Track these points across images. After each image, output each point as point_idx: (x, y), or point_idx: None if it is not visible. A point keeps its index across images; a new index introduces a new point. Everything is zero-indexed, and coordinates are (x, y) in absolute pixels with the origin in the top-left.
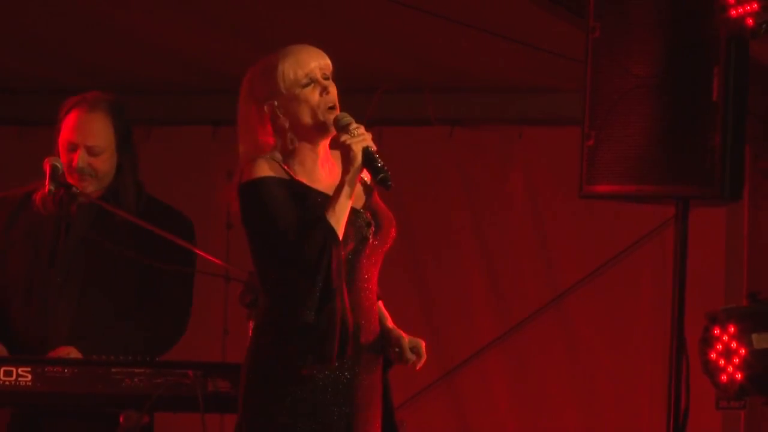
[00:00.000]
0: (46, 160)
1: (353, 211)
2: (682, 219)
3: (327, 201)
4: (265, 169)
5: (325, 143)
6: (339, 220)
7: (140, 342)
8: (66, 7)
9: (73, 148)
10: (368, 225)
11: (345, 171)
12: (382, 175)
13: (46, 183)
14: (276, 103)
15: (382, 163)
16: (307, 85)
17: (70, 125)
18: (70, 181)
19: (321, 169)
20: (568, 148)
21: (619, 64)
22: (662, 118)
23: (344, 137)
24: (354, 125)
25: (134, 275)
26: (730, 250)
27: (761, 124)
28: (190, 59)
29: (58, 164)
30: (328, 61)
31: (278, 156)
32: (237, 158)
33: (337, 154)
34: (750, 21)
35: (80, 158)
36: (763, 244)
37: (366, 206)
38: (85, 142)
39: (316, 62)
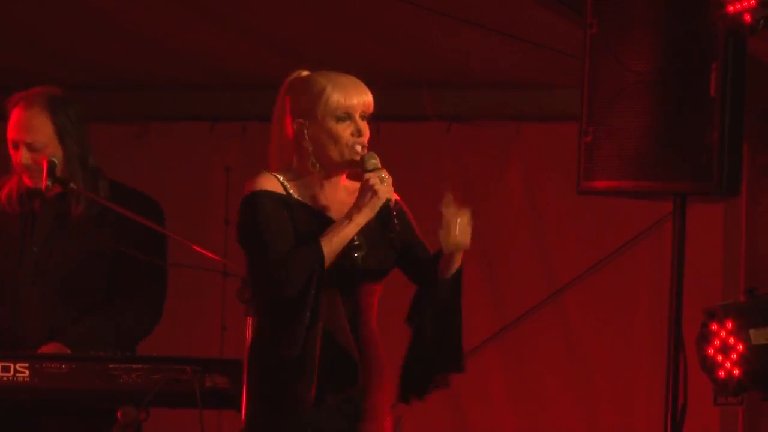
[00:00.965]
0: (42, 156)
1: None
2: (680, 215)
3: (315, 219)
4: (266, 183)
5: (340, 177)
6: (333, 249)
7: (117, 333)
8: (63, 4)
9: (15, 146)
10: (358, 248)
11: (357, 208)
12: (391, 234)
13: (44, 179)
14: (306, 123)
15: (396, 221)
16: (343, 119)
17: (11, 123)
18: (24, 179)
19: (323, 195)
20: (565, 144)
21: (617, 60)
22: (660, 114)
23: (373, 180)
24: (384, 172)
25: (104, 266)
26: (727, 246)
27: (759, 120)
28: (188, 55)
29: (55, 160)
30: (372, 100)
31: (288, 174)
32: (266, 154)
33: (349, 186)
34: (748, 17)
35: (23, 156)
36: (760, 240)
37: (362, 230)
38: (24, 139)
39: (360, 99)
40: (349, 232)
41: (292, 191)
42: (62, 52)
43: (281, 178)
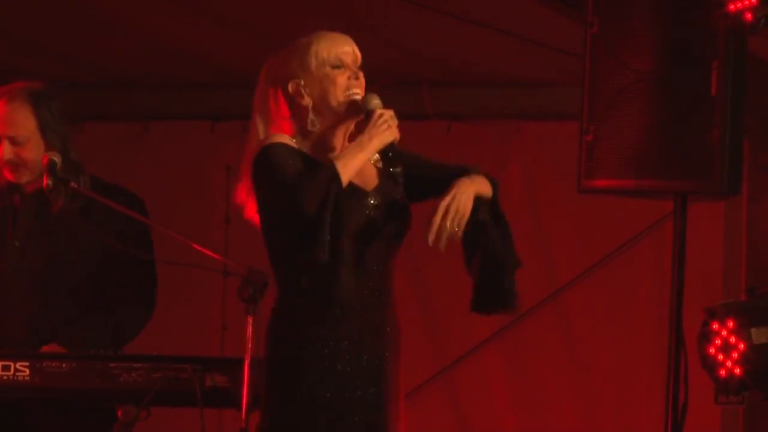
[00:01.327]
0: (44, 155)
1: (361, 192)
2: (681, 213)
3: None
4: (279, 138)
5: (343, 133)
6: (347, 171)
7: (109, 332)
8: (64, 3)
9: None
10: (376, 207)
11: (369, 136)
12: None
13: (44, 178)
14: (302, 81)
15: (396, 162)
16: (338, 66)
17: None
18: (6, 173)
19: (333, 152)
20: (566, 143)
21: (618, 58)
22: (661, 113)
23: (387, 115)
24: (378, 112)
25: (90, 262)
26: (728, 245)
27: (760, 119)
28: (188, 54)
29: (56, 159)
30: (358, 51)
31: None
32: (248, 146)
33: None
34: (749, 15)
35: (5, 150)
36: (761, 239)
37: (378, 191)
38: (6, 132)
39: (350, 47)
40: (362, 158)
41: (305, 150)
42: (63, 51)
43: (294, 139)
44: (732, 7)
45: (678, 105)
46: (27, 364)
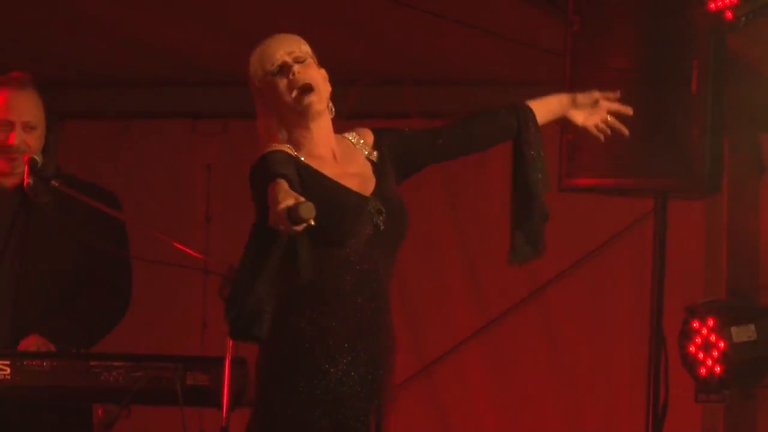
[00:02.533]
0: (25, 155)
1: (362, 198)
2: (661, 212)
3: (338, 187)
4: (272, 147)
5: (320, 126)
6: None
7: (85, 323)
8: (44, 0)
9: (8, 125)
10: (379, 213)
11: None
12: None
13: (25, 177)
14: (261, 99)
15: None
16: (276, 73)
17: (0, 104)
18: (2, 162)
19: (325, 155)
20: (547, 141)
21: (599, 57)
22: (641, 111)
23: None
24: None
25: (69, 258)
26: (709, 243)
27: (740, 117)
28: (169, 52)
29: (37, 158)
30: (301, 45)
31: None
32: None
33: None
34: (729, 14)
35: (17, 135)
36: (742, 237)
37: (377, 192)
38: (21, 117)
39: (283, 49)
40: None
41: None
42: (43, 49)
43: (289, 147)
44: (712, 5)
45: (658, 103)
46: (8, 362)
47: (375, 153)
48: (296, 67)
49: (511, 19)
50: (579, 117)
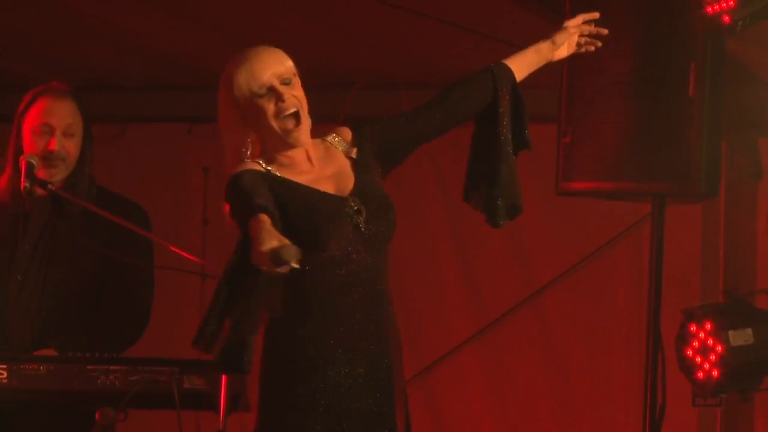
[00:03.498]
0: (21, 157)
1: (338, 200)
2: (659, 216)
3: (312, 193)
4: (244, 166)
5: (303, 151)
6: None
7: (107, 337)
8: (40, 3)
9: (49, 131)
10: (358, 212)
11: None
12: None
13: (22, 180)
14: (240, 113)
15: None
16: (263, 95)
17: (41, 110)
18: (41, 170)
19: (299, 160)
20: (544, 145)
21: (596, 60)
22: (639, 115)
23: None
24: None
25: (96, 268)
26: (706, 247)
27: (737, 120)
28: (165, 56)
29: (33, 161)
30: (288, 64)
31: (260, 159)
32: (220, 154)
33: (322, 146)
34: (726, 17)
35: (57, 141)
36: (739, 241)
37: (356, 191)
38: (61, 123)
39: (271, 70)
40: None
41: (272, 170)
42: (39, 53)
43: (261, 161)
44: (710, 9)
45: (656, 107)
46: (5, 366)
47: (354, 150)
48: (285, 93)
49: (508, 22)
50: (563, 52)
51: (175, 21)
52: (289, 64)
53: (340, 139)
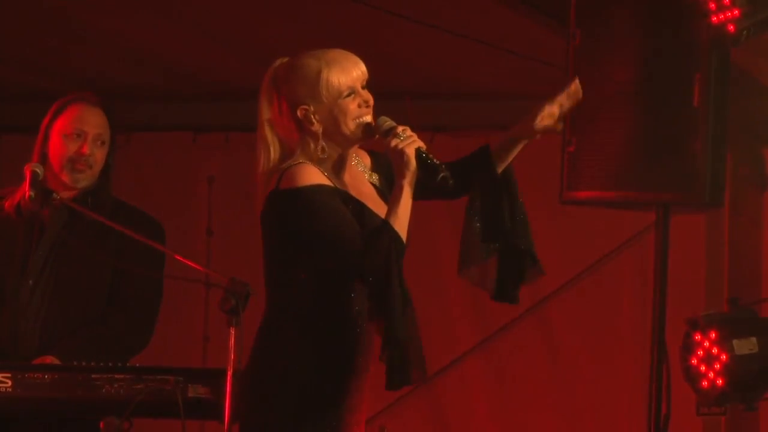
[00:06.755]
0: (26, 166)
1: (375, 216)
2: (663, 225)
3: (362, 208)
4: (314, 176)
5: (353, 153)
6: (403, 226)
7: (112, 346)
8: (45, 14)
9: (81, 136)
10: (444, 168)
11: (400, 175)
12: (442, 174)
13: (27, 189)
14: (312, 108)
15: (438, 161)
16: (348, 95)
17: (75, 116)
18: (61, 176)
19: (347, 176)
20: (549, 154)
21: (601, 70)
22: (643, 125)
23: (394, 141)
24: (400, 128)
25: (106, 278)
26: (710, 257)
27: (742, 130)
28: (170, 65)
29: (38, 170)
30: (365, 69)
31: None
32: (255, 153)
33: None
34: (731, 28)
35: (89, 146)
36: (743, 251)
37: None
38: (93, 130)
39: (357, 71)
40: (405, 199)
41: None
42: (43, 63)
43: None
44: (715, 19)
45: (660, 117)
46: (9, 375)
47: (375, 176)
48: (366, 94)
49: (513, 32)
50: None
51: (180, 32)
52: (366, 69)
53: (359, 161)
